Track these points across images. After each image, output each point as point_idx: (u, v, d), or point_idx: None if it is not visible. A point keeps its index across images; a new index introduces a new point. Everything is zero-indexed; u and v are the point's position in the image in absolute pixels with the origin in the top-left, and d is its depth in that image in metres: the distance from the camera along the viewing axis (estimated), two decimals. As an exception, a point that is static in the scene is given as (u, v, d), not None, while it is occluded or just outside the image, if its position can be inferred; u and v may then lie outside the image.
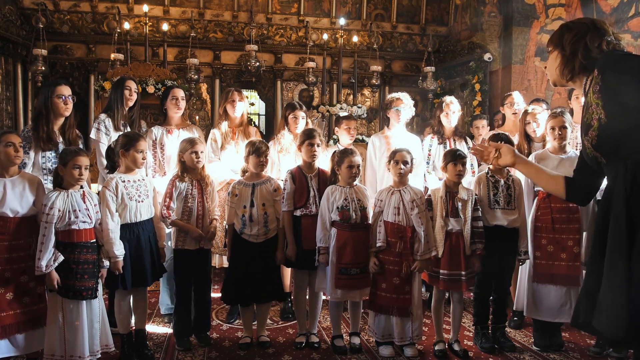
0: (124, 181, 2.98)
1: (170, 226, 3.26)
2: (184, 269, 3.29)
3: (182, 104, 3.91)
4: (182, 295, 3.32)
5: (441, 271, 3.18)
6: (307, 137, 3.39)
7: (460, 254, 3.15)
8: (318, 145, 3.37)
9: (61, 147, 3.26)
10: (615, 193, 1.66)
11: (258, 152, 3.30)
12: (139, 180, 3.07)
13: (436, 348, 3.26)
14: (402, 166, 3.21)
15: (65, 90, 3.28)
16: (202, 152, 3.29)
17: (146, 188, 3.09)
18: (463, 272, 3.15)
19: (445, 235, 3.17)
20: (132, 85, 3.77)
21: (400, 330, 3.18)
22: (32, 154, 3.18)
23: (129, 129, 3.68)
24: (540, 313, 3.35)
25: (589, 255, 1.87)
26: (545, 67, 1.98)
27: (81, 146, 3.35)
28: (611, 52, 1.76)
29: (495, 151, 2.20)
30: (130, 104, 3.77)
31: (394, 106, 4.07)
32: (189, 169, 3.29)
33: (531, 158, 3.46)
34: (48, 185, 3.04)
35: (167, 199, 3.23)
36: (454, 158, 3.25)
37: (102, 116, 3.68)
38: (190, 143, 3.28)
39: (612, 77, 1.70)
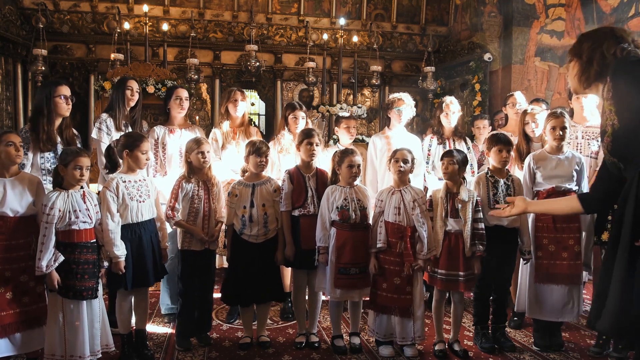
0: (124, 181, 2.98)
1: (174, 227, 3.26)
2: (190, 269, 3.29)
3: (186, 104, 3.91)
4: (187, 297, 3.31)
5: (439, 271, 3.18)
6: (306, 136, 3.39)
7: (459, 254, 3.15)
8: (317, 145, 3.37)
9: (59, 147, 3.25)
10: (629, 198, 1.67)
11: (258, 152, 3.30)
12: (140, 180, 3.06)
13: (436, 348, 3.26)
14: (402, 164, 3.20)
15: (66, 91, 3.28)
16: (208, 152, 3.28)
17: (147, 188, 3.08)
18: (461, 273, 3.15)
19: (444, 235, 3.17)
20: (134, 85, 3.75)
21: (401, 330, 3.18)
22: (30, 154, 3.17)
23: (130, 129, 3.68)
24: (543, 313, 3.35)
25: (603, 258, 1.90)
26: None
27: (79, 145, 3.35)
28: (623, 59, 1.78)
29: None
30: (132, 104, 3.75)
31: (395, 106, 4.06)
32: (196, 170, 3.28)
33: (529, 159, 3.47)
34: (47, 185, 3.04)
35: (173, 200, 3.22)
36: (442, 156, 3.29)
37: (104, 116, 3.67)
38: (197, 143, 3.27)
39: (622, 82, 1.73)
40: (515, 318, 3.79)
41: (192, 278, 3.30)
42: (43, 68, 6.16)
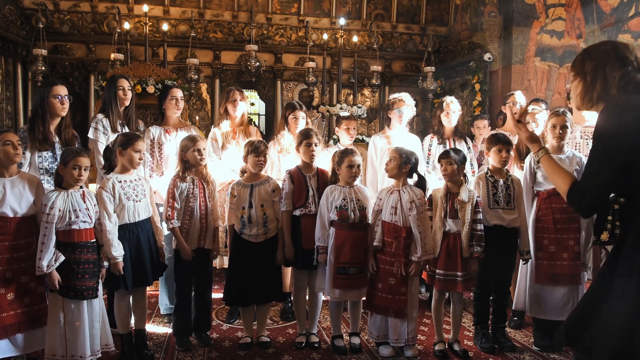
0: (120, 181, 2.97)
1: (170, 230, 3.23)
2: (185, 269, 3.28)
3: (182, 104, 3.89)
4: (182, 295, 3.32)
5: (437, 271, 3.18)
6: (305, 137, 3.38)
7: (457, 255, 3.15)
8: (316, 145, 3.36)
9: (57, 147, 3.26)
10: None
11: (257, 152, 3.29)
12: (135, 180, 3.06)
13: (436, 348, 3.26)
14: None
15: (62, 90, 3.27)
16: (204, 149, 3.27)
17: (143, 187, 3.08)
18: (459, 273, 3.15)
19: (443, 236, 3.17)
20: (125, 84, 3.67)
21: (395, 332, 3.18)
22: (28, 154, 3.18)
23: (126, 129, 3.66)
24: (544, 312, 3.36)
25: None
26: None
27: (78, 146, 3.35)
28: (613, 103, 1.74)
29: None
30: (127, 103, 3.70)
31: (396, 107, 4.06)
32: (192, 167, 3.27)
33: (530, 157, 3.47)
34: (45, 185, 3.04)
35: (171, 200, 3.19)
36: (439, 158, 3.28)
37: (100, 115, 3.65)
38: (192, 141, 3.24)
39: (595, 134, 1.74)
40: (515, 318, 3.79)
41: (187, 277, 3.30)
42: (43, 68, 6.15)
